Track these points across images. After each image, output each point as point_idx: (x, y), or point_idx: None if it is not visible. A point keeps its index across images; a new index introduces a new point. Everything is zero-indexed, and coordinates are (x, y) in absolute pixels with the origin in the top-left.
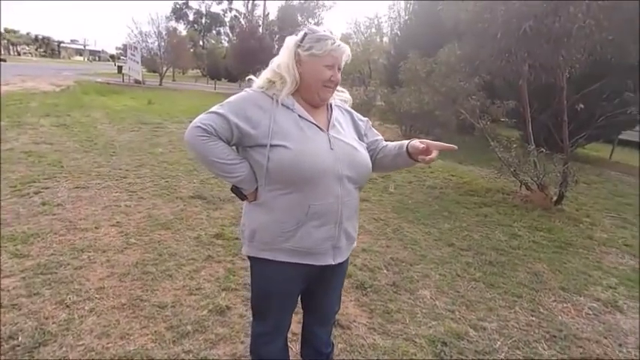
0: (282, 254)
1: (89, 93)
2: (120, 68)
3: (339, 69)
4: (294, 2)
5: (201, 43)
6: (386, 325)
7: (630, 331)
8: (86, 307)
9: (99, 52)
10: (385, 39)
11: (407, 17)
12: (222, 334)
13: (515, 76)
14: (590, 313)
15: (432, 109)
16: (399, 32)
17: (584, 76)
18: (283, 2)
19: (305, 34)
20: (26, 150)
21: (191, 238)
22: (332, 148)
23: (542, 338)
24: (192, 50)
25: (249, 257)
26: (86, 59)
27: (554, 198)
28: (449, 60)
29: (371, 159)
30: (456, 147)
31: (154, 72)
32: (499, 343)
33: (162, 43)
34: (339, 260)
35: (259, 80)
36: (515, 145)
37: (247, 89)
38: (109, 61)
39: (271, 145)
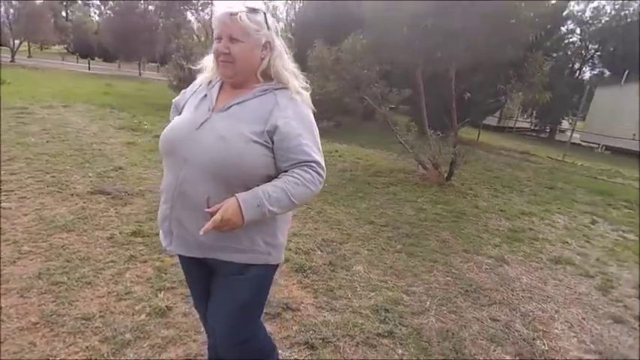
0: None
1: None
2: None
3: (231, 39)
4: None
5: (64, 14)
6: (331, 302)
7: (516, 278)
8: None
9: None
10: (281, 24)
11: (301, 4)
12: (169, 337)
13: (413, 66)
14: (488, 267)
15: (337, 97)
16: (294, 18)
17: (466, 70)
18: None
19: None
20: None
21: (103, 239)
22: (197, 129)
23: (459, 294)
24: (53, 21)
25: None
26: None
27: (445, 175)
28: (354, 48)
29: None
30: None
31: (1, 46)
32: (428, 303)
33: (12, 11)
34: (182, 249)
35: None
36: (415, 130)
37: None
38: None
39: None
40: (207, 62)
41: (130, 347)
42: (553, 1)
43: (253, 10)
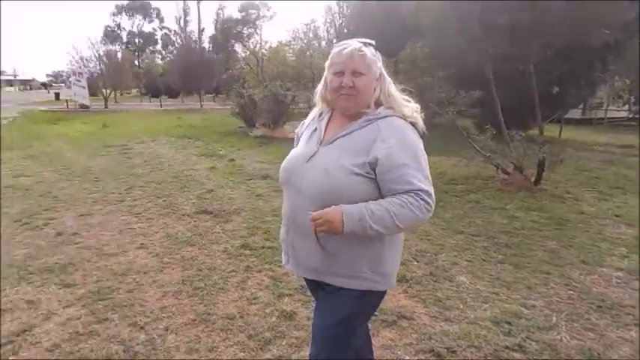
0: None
1: (38, 122)
2: (57, 95)
3: (355, 73)
4: (234, 15)
5: (136, 62)
6: (444, 312)
7: None
8: (160, 327)
9: (30, 80)
10: (323, 43)
11: (340, 21)
12: (302, 337)
13: (481, 66)
14: (620, 281)
15: None
16: (336, 36)
17: (548, 62)
18: (220, 15)
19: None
20: (9, 184)
21: (219, 252)
22: (307, 162)
23: (590, 309)
24: (131, 71)
25: None
26: (17, 89)
27: (533, 179)
28: (414, 57)
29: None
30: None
31: (93, 95)
32: (554, 318)
33: (102, 66)
34: (296, 269)
35: None
36: (494, 132)
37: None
38: (40, 89)
39: None
40: (317, 96)
41: (272, 344)
42: None
43: (369, 44)
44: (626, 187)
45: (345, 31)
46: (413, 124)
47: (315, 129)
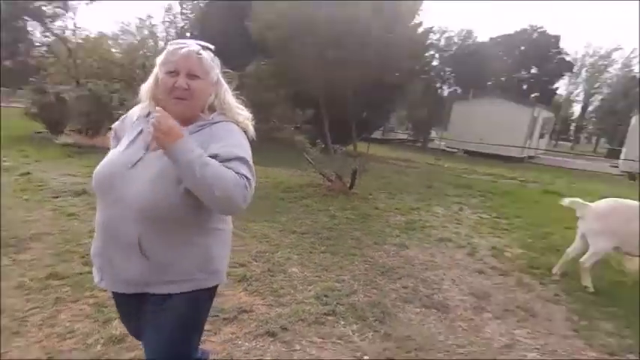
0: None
1: None
2: None
3: (191, 76)
4: None
5: None
6: (278, 299)
7: (414, 257)
8: None
9: None
10: (161, 43)
11: (183, 24)
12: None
13: (315, 90)
14: (393, 252)
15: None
16: (176, 38)
17: (360, 92)
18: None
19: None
20: None
21: (11, 289)
22: (130, 168)
23: (377, 275)
24: None
25: None
26: None
27: (349, 185)
28: (258, 73)
29: None
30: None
31: None
32: (355, 285)
33: None
34: (114, 286)
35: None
36: (323, 146)
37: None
38: None
39: None
40: (144, 93)
41: None
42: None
43: (207, 48)
44: (403, 188)
45: (188, 34)
46: (245, 131)
47: (141, 130)
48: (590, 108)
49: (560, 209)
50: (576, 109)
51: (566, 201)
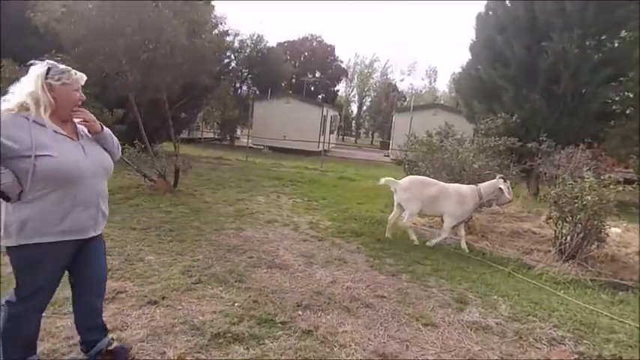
0: (52, 236)
1: None
2: None
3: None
4: None
5: None
6: (147, 279)
7: (251, 236)
8: None
9: None
10: None
11: None
12: None
13: (127, 91)
14: (233, 234)
15: None
16: None
17: (176, 94)
18: None
19: (49, 68)
20: None
21: None
22: (86, 155)
23: (225, 252)
24: None
25: (14, 247)
26: None
27: (172, 183)
28: None
29: None
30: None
31: None
32: (210, 261)
33: None
34: (99, 232)
35: (9, 104)
36: (143, 146)
37: None
38: None
39: (36, 156)
40: (29, 103)
41: None
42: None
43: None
44: (224, 183)
45: None
46: None
47: (55, 131)
48: (364, 107)
49: (353, 190)
50: (354, 108)
51: (382, 180)
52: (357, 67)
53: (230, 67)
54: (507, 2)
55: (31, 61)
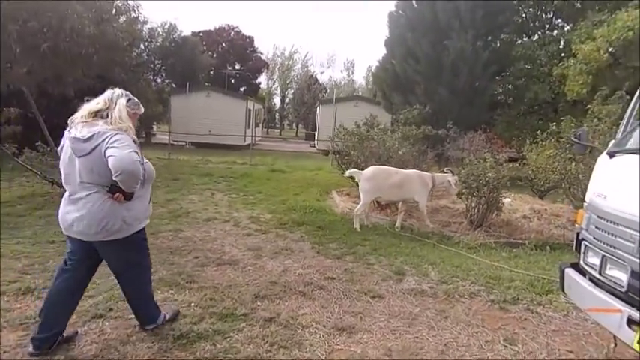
0: (144, 222)
1: None
2: None
3: None
4: None
5: None
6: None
7: (192, 236)
8: None
9: None
10: None
11: None
12: None
13: (21, 84)
14: (172, 236)
15: None
16: None
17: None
18: None
19: (129, 99)
20: None
21: None
22: None
23: (168, 255)
24: None
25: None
26: None
27: None
28: None
29: None
30: None
31: None
32: (155, 267)
33: None
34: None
35: (114, 124)
36: (49, 150)
37: (120, 133)
38: None
39: (143, 163)
40: (123, 122)
41: None
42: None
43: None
44: (152, 183)
45: None
46: None
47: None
48: (287, 100)
49: (286, 182)
50: (277, 100)
51: (347, 172)
52: (278, 59)
53: (143, 59)
54: (414, 3)
55: (114, 88)
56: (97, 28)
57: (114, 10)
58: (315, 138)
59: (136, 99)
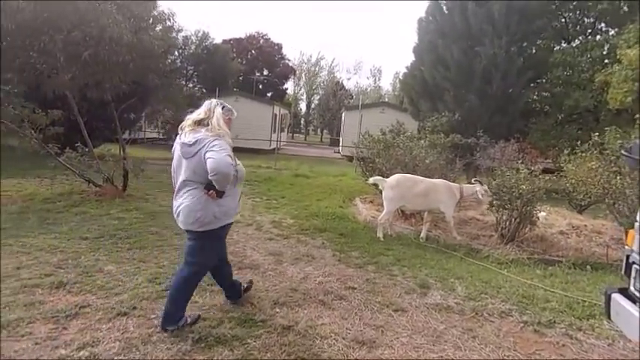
0: (231, 218)
1: None
2: None
3: None
4: None
5: None
6: (110, 291)
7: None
8: None
9: None
10: None
11: None
12: None
13: (65, 90)
14: None
15: None
16: None
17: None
18: None
19: (224, 106)
20: None
21: None
22: None
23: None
24: None
25: (212, 230)
26: None
27: (121, 187)
28: None
29: None
30: None
31: None
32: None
33: None
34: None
35: (213, 130)
36: (86, 150)
37: (218, 138)
38: None
39: (236, 165)
40: (221, 128)
41: None
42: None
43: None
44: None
45: None
46: None
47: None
48: (313, 105)
49: (310, 187)
50: (303, 106)
51: (370, 180)
52: (304, 65)
53: (177, 65)
54: (445, 8)
55: (211, 99)
56: (134, 37)
57: (151, 20)
58: (340, 144)
59: (229, 105)
